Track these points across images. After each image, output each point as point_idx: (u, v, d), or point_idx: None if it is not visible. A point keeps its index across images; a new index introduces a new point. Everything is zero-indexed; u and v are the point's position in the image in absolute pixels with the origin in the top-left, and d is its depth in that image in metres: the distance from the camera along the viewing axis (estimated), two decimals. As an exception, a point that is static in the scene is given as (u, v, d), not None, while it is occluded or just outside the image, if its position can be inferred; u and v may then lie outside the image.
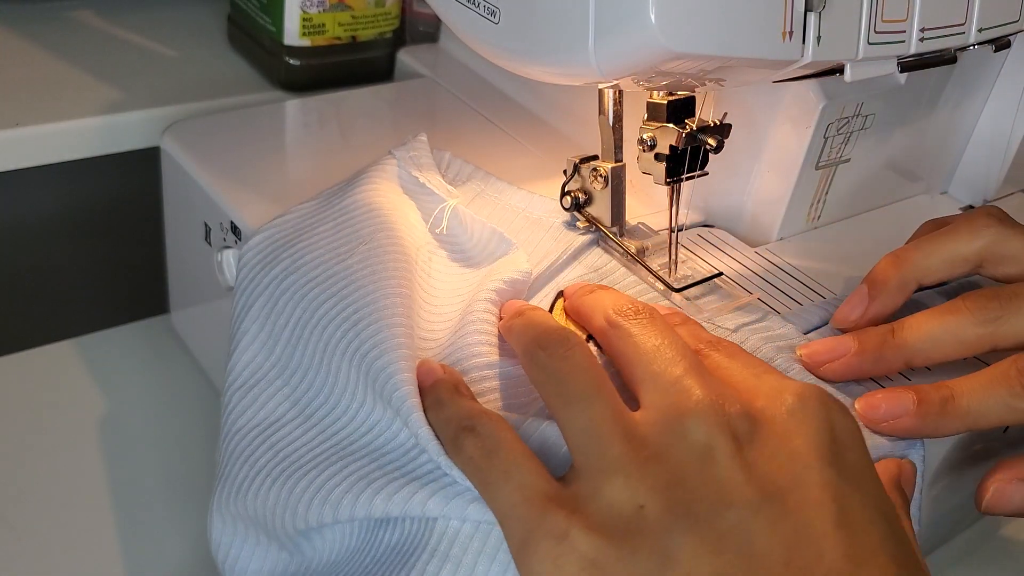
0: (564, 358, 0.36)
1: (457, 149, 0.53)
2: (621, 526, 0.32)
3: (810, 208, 0.51)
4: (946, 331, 0.40)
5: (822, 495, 0.32)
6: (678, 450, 0.33)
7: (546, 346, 0.37)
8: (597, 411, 0.34)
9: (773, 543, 0.31)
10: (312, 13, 0.62)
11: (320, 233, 0.45)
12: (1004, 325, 0.40)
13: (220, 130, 0.56)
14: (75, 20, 0.70)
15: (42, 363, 0.59)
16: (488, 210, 0.49)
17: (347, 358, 0.40)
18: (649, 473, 0.32)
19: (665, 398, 0.34)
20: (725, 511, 0.31)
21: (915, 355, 0.41)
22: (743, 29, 0.35)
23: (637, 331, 0.37)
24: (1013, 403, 0.38)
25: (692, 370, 0.35)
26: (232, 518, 0.40)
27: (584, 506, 0.32)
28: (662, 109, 0.43)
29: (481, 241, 0.46)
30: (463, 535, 0.35)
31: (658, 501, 0.32)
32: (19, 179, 0.58)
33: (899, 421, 0.39)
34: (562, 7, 0.36)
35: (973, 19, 0.41)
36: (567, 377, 0.35)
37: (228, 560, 0.40)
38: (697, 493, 0.32)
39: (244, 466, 0.40)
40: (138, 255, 0.63)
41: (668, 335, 0.37)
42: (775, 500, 0.32)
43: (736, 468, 0.32)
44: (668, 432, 0.33)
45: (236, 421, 0.41)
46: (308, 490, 0.37)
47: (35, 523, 0.49)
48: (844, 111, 0.47)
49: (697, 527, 0.31)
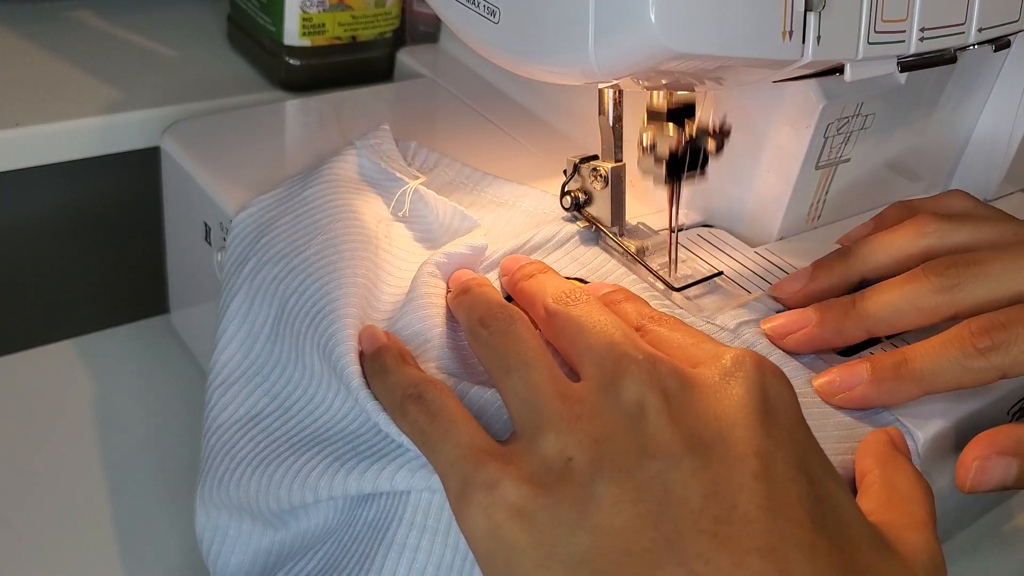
0: (505, 333, 0.37)
1: (457, 149, 0.53)
2: (550, 477, 0.33)
3: (810, 208, 0.51)
4: (906, 300, 0.41)
5: (745, 450, 0.32)
6: (610, 409, 0.34)
7: (489, 323, 0.38)
8: (535, 376, 0.35)
9: (690, 492, 0.31)
10: (312, 13, 0.62)
11: (281, 226, 0.45)
12: (962, 292, 0.41)
13: (220, 130, 0.56)
14: (75, 20, 0.70)
15: (42, 363, 0.59)
16: (468, 201, 0.50)
17: (316, 350, 0.41)
18: (580, 429, 0.33)
19: (601, 366, 0.35)
20: (648, 462, 0.32)
21: (875, 325, 0.42)
22: (743, 29, 0.35)
23: (575, 313, 0.38)
24: (967, 363, 0.39)
25: (627, 339, 0.36)
26: (216, 509, 0.41)
27: (517, 459, 0.34)
28: (662, 111, 0.43)
29: (445, 220, 0.47)
30: (435, 506, 0.36)
31: (586, 454, 0.33)
32: (19, 179, 0.58)
33: (856, 390, 0.40)
34: (562, 7, 0.36)
35: (973, 19, 0.42)
36: (508, 348, 0.37)
37: (212, 552, 0.41)
38: (623, 445, 0.33)
39: (226, 459, 0.41)
40: (138, 255, 0.63)
41: (604, 313, 0.38)
42: (698, 453, 0.32)
43: (663, 423, 0.33)
44: (602, 392, 0.34)
45: (218, 417, 0.42)
46: (287, 475, 0.38)
47: (35, 523, 0.49)
48: (844, 111, 0.47)
49: (619, 477, 0.32)
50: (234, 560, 0.41)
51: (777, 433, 0.33)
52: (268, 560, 0.40)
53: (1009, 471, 0.38)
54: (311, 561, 0.38)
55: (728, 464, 0.32)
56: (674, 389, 0.34)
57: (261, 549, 0.41)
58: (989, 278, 0.41)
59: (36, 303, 0.61)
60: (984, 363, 0.39)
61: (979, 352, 0.39)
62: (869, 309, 0.42)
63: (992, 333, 0.39)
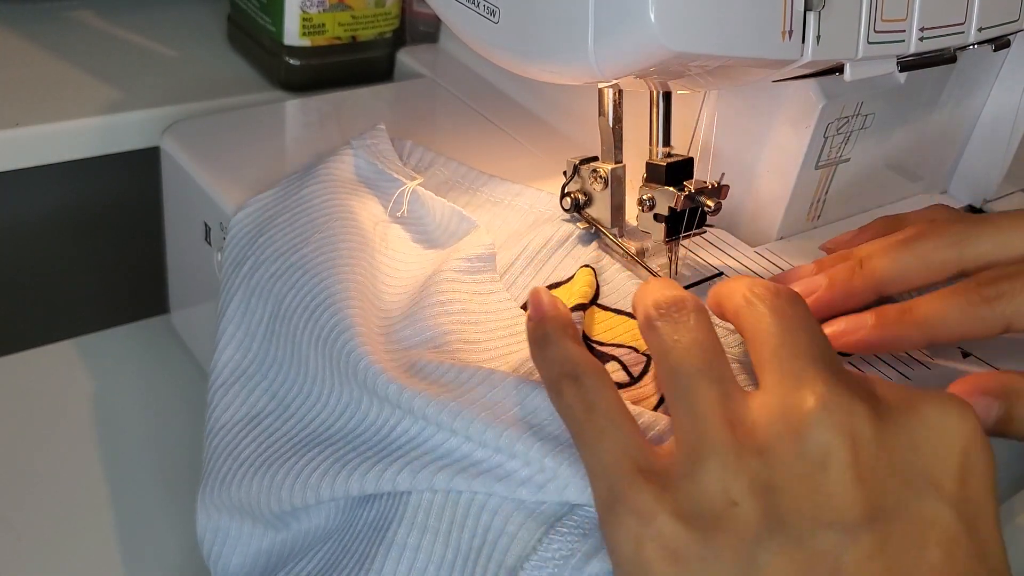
0: (683, 329, 0.34)
1: (457, 149, 0.53)
2: (710, 519, 0.30)
3: (810, 208, 0.51)
4: (913, 255, 0.41)
5: (928, 534, 0.30)
6: (789, 450, 0.31)
7: (665, 314, 0.35)
8: (704, 389, 0.33)
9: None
10: (312, 13, 0.62)
11: (278, 226, 0.46)
12: (968, 247, 0.40)
13: (220, 130, 0.56)
14: (75, 20, 0.70)
15: (42, 363, 0.59)
16: (465, 201, 0.50)
17: (313, 347, 0.41)
18: (750, 467, 0.31)
19: (786, 386, 0.32)
20: (823, 531, 0.30)
21: (884, 284, 0.41)
22: (743, 28, 0.35)
23: (770, 309, 0.35)
24: (971, 311, 0.39)
25: (822, 359, 0.33)
26: (216, 510, 0.41)
27: (675, 486, 0.31)
28: (661, 171, 0.44)
29: (443, 221, 0.47)
30: (436, 505, 0.35)
31: (754, 503, 0.30)
32: (19, 179, 0.58)
33: (859, 334, 0.40)
34: (562, 7, 0.36)
35: (973, 18, 0.41)
36: (685, 352, 0.34)
37: (212, 553, 0.41)
38: (798, 503, 0.30)
39: (228, 459, 0.41)
40: (138, 255, 0.63)
41: (802, 317, 0.35)
42: (877, 526, 0.30)
43: (847, 482, 0.30)
44: (784, 427, 0.31)
45: (220, 418, 0.42)
46: (288, 476, 0.38)
47: (35, 523, 0.49)
48: (844, 111, 0.47)
49: (790, 544, 0.30)
50: (235, 561, 0.41)
51: (966, 508, 0.31)
52: (269, 561, 0.40)
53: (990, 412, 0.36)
54: (311, 561, 0.38)
55: (907, 549, 0.30)
56: (865, 437, 0.31)
57: (262, 550, 0.41)
58: (997, 233, 0.41)
59: (36, 303, 0.61)
60: (989, 311, 0.39)
61: (984, 300, 0.39)
62: (876, 268, 0.41)
63: (999, 283, 0.39)
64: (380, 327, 0.41)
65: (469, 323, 0.41)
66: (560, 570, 0.33)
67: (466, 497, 0.35)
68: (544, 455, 0.34)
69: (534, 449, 0.34)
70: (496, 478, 0.35)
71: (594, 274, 0.45)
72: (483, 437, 0.35)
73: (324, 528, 0.39)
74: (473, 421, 0.35)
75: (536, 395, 0.36)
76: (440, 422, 0.36)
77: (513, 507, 0.34)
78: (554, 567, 0.33)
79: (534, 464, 0.34)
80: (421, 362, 0.39)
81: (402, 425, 0.37)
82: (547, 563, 0.33)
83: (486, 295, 0.43)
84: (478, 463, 0.35)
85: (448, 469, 0.35)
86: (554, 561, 0.33)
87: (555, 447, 0.35)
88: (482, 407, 0.36)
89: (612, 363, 0.41)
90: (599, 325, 0.43)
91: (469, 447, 0.36)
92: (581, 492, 0.34)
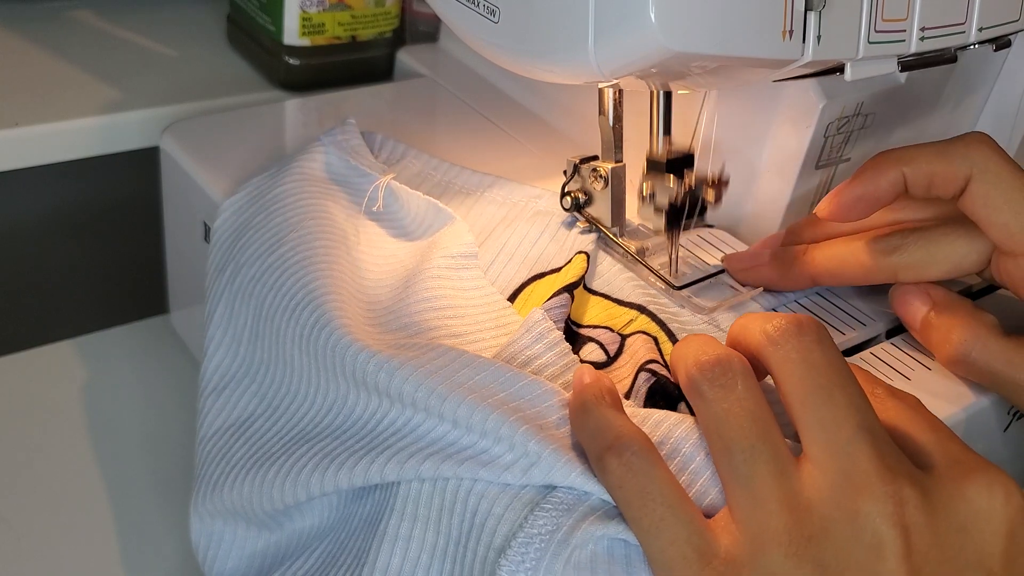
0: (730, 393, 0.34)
1: (457, 149, 0.53)
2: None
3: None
4: (851, 253, 0.42)
5: None
6: (843, 532, 0.31)
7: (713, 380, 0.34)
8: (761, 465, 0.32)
9: None
10: (312, 12, 0.62)
11: (255, 227, 0.45)
12: (904, 255, 0.41)
13: (220, 130, 0.56)
14: (75, 20, 0.70)
15: (42, 363, 0.59)
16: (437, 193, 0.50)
17: (297, 346, 0.41)
18: (811, 557, 0.31)
19: (834, 461, 0.32)
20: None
21: (820, 274, 0.43)
22: (743, 28, 0.35)
23: (797, 351, 0.34)
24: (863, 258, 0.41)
25: (863, 425, 0.32)
26: (210, 516, 0.41)
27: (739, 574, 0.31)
28: (661, 163, 0.44)
29: (419, 214, 0.47)
30: (424, 494, 0.36)
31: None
32: (19, 179, 0.58)
33: (755, 269, 0.44)
34: (562, 7, 0.36)
35: (973, 18, 0.41)
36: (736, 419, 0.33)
37: (207, 558, 0.42)
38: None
39: (220, 464, 0.41)
40: (138, 255, 0.63)
41: (831, 361, 0.33)
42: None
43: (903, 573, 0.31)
44: (836, 508, 0.31)
45: (213, 424, 0.43)
46: (279, 475, 0.38)
47: (34, 523, 0.49)
48: (844, 111, 0.47)
49: None
50: (230, 564, 0.41)
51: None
52: (264, 563, 0.41)
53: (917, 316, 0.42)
54: (308, 560, 0.38)
55: None
56: (916, 524, 0.31)
57: (256, 552, 0.41)
58: (930, 244, 0.41)
59: (35, 303, 0.61)
60: (881, 260, 0.41)
61: (879, 251, 0.41)
62: (816, 258, 0.43)
63: (895, 236, 0.41)
64: (365, 318, 0.41)
65: (456, 317, 0.41)
66: (547, 544, 0.33)
67: (453, 484, 0.35)
68: (528, 439, 0.34)
69: (519, 434, 0.34)
70: (481, 464, 0.35)
71: (587, 259, 0.45)
72: (469, 421, 0.35)
73: (319, 527, 0.39)
74: (460, 405, 0.35)
75: (521, 380, 0.36)
76: (428, 406, 0.36)
77: (499, 490, 0.35)
78: (541, 542, 0.33)
79: (518, 448, 0.35)
80: (408, 344, 0.39)
81: (388, 417, 0.38)
82: (534, 539, 0.33)
83: (472, 291, 0.43)
84: (463, 450, 0.35)
85: (434, 457, 0.35)
86: (540, 536, 0.33)
87: (539, 432, 0.35)
88: (468, 390, 0.36)
89: (590, 344, 0.41)
90: (584, 308, 0.43)
91: (455, 435, 0.36)
92: (565, 476, 0.34)
